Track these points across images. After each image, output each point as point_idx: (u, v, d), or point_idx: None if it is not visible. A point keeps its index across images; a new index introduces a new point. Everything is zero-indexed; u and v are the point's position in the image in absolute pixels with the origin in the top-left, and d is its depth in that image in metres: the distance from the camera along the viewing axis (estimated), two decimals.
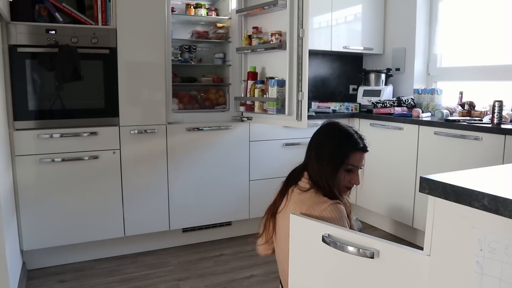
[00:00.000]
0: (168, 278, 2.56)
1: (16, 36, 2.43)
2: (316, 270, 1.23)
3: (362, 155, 1.48)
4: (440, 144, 2.77)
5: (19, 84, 2.47)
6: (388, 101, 3.38)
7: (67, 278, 2.55)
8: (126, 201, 2.77)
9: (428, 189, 0.89)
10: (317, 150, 1.47)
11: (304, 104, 2.61)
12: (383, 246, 1.03)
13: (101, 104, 2.68)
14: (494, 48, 3.11)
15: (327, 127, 1.53)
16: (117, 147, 2.71)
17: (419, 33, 3.57)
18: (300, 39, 2.58)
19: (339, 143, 1.46)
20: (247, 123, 3.07)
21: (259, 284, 2.50)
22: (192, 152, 2.93)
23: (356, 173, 1.48)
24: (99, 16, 2.65)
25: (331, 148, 1.45)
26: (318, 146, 1.48)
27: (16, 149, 2.46)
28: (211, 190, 3.02)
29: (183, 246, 3.04)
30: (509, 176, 0.99)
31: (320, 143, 1.49)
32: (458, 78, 3.40)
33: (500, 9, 3.06)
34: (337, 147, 1.45)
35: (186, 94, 3.20)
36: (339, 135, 1.48)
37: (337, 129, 1.50)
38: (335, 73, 4.02)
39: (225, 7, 3.27)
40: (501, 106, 2.57)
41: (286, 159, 3.22)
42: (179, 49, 3.22)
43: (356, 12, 3.68)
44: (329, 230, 1.16)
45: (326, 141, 1.48)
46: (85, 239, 2.70)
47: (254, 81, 2.92)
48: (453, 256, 0.86)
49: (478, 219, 0.81)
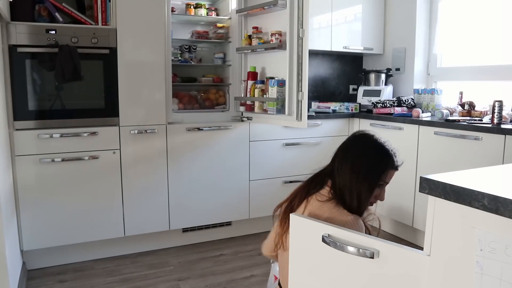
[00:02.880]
0: (168, 278, 2.56)
1: (16, 36, 2.43)
2: (316, 270, 1.22)
3: (394, 173, 1.46)
4: (440, 144, 2.77)
5: (19, 84, 2.46)
6: (388, 101, 3.38)
7: (67, 278, 2.55)
8: (126, 201, 2.77)
9: (428, 189, 0.89)
10: (352, 163, 1.40)
11: (304, 104, 2.61)
12: (383, 246, 1.03)
13: (101, 104, 2.68)
14: (494, 48, 3.11)
15: (363, 139, 1.48)
16: (117, 147, 2.71)
17: (419, 33, 3.57)
18: (300, 39, 2.58)
19: (377, 159, 1.42)
20: (247, 123, 3.07)
21: (259, 284, 2.50)
22: (192, 152, 2.93)
23: (383, 190, 1.46)
24: (99, 16, 2.65)
25: (368, 164, 1.40)
26: (354, 158, 1.41)
27: (16, 149, 2.46)
28: (211, 190, 3.02)
29: (183, 246, 3.04)
30: (509, 176, 0.99)
31: (356, 155, 1.42)
32: (458, 78, 3.40)
33: (500, 9, 3.06)
34: (375, 163, 1.41)
35: (186, 94, 3.20)
36: (379, 151, 1.44)
37: (375, 143, 1.46)
38: (335, 73, 4.02)
39: (225, 7, 3.27)
40: (501, 106, 2.57)
41: (286, 159, 3.22)
42: (179, 49, 3.22)
43: (356, 12, 3.68)
44: (329, 230, 1.16)
45: (363, 155, 1.42)
46: (85, 239, 2.70)
47: (254, 81, 2.92)
48: (453, 256, 0.86)
49: (478, 219, 0.81)
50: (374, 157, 1.43)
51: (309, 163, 3.27)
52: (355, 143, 1.48)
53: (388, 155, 1.44)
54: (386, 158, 1.43)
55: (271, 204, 3.49)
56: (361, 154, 1.43)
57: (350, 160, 1.42)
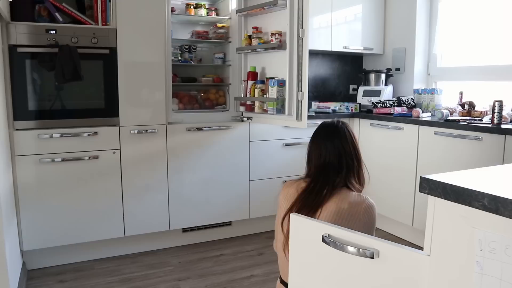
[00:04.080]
0: (168, 278, 2.56)
1: (16, 36, 2.43)
2: (316, 270, 1.23)
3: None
4: (440, 144, 2.77)
5: (19, 84, 2.47)
6: (388, 101, 3.38)
7: (67, 278, 2.55)
8: (126, 201, 2.77)
9: (428, 189, 0.89)
10: (356, 152, 1.55)
11: (304, 104, 2.61)
12: (383, 246, 1.03)
13: (101, 104, 2.68)
14: (494, 48, 3.11)
15: (345, 129, 1.58)
16: (117, 147, 2.71)
17: (419, 33, 3.57)
18: (300, 39, 2.58)
19: (340, 133, 1.56)
20: (247, 123, 3.07)
21: (259, 284, 2.50)
22: (192, 152, 2.93)
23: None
24: (99, 16, 2.65)
25: (358, 147, 1.57)
26: (354, 148, 1.55)
27: (16, 149, 2.46)
28: (211, 190, 3.02)
29: (183, 246, 3.05)
30: (509, 176, 0.99)
31: (355, 144, 1.56)
32: (458, 78, 3.40)
33: (500, 9, 3.06)
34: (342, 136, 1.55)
35: (186, 94, 3.20)
36: (352, 134, 1.58)
37: (348, 129, 1.59)
38: (335, 73, 4.02)
39: (225, 7, 3.27)
40: (501, 106, 2.57)
41: (286, 159, 3.22)
42: (179, 49, 3.22)
43: (356, 12, 3.68)
44: (329, 230, 1.16)
45: (354, 141, 1.56)
46: (85, 239, 2.70)
47: (254, 81, 2.92)
48: (453, 256, 0.86)
49: (478, 219, 0.81)
50: (355, 140, 1.58)
51: None
52: (346, 136, 1.57)
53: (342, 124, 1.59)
54: (342, 125, 1.58)
55: (271, 204, 3.51)
56: (354, 142, 1.57)
57: (354, 152, 1.55)
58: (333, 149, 1.52)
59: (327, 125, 1.60)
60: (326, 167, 1.52)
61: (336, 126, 1.58)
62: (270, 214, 3.25)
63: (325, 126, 1.61)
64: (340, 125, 1.58)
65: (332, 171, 1.50)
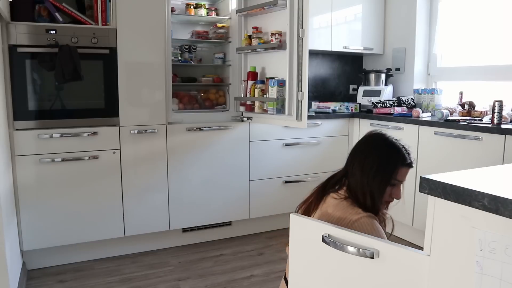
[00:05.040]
0: (168, 278, 2.56)
1: (16, 36, 2.43)
2: (316, 270, 1.23)
3: (408, 170, 1.45)
4: (440, 144, 2.77)
5: (19, 84, 2.46)
6: (388, 101, 3.38)
7: (67, 278, 2.55)
8: (126, 201, 2.77)
9: (428, 189, 0.89)
10: (362, 161, 1.43)
11: (304, 104, 2.61)
12: (383, 246, 1.03)
13: (101, 104, 2.68)
14: (494, 48, 3.11)
15: (373, 138, 1.48)
16: (117, 147, 2.71)
17: (419, 33, 3.57)
18: (300, 39, 2.58)
19: (387, 156, 1.42)
20: (247, 123, 3.07)
21: (259, 284, 2.50)
22: (192, 152, 2.93)
23: (398, 188, 1.46)
24: (99, 16, 2.65)
25: (378, 161, 1.41)
26: (364, 157, 1.43)
27: (16, 149, 2.46)
28: (211, 190, 3.02)
29: (183, 246, 3.04)
30: (509, 176, 0.99)
31: (366, 154, 1.44)
32: (458, 78, 3.40)
33: (500, 9, 3.06)
34: (385, 160, 1.41)
35: (186, 94, 3.20)
36: (388, 148, 1.44)
37: (385, 141, 1.46)
38: (335, 73, 4.02)
39: (225, 7, 3.27)
40: (501, 106, 2.57)
41: (286, 159, 3.22)
42: (179, 49, 3.22)
43: (356, 12, 3.68)
44: (329, 230, 1.16)
45: (373, 153, 1.43)
46: (85, 239, 2.70)
47: (254, 81, 2.92)
48: (453, 256, 0.86)
49: (478, 219, 0.81)
50: (384, 154, 1.43)
51: (309, 163, 3.27)
52: (366, 143, 1.49)
53: (399, 152, 1.43)
54: (396, 155, 1.43)
55: (271, 204, 3.51)
56: (371, 153, 1.44)
57: (360, 159, 1.44)
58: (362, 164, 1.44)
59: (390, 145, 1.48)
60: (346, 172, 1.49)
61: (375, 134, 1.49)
62: (270, 214, 3.26)
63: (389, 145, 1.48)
64: (376, 134, 1.50)
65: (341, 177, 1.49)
